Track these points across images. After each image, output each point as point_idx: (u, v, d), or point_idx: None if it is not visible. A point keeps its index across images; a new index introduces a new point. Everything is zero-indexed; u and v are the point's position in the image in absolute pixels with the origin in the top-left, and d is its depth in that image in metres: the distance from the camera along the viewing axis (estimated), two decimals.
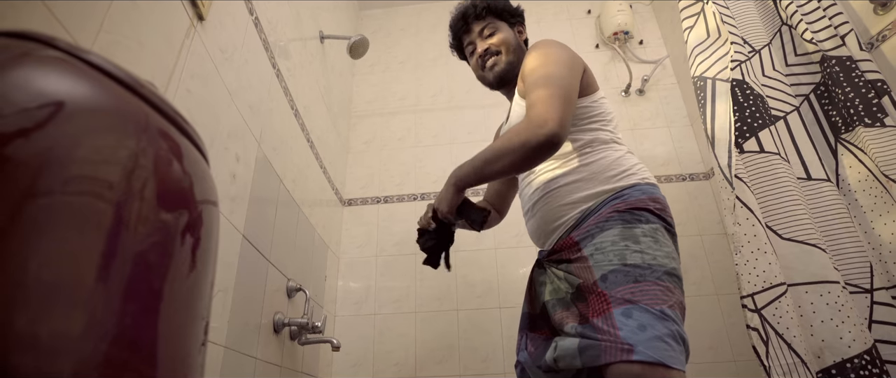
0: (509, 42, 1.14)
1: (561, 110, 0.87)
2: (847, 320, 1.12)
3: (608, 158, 0.98)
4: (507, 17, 1.17)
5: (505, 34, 1.15)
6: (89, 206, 0.36)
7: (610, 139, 1.02)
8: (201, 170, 0.53)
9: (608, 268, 0.83)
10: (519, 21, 1.21)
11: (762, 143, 1.32)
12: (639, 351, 0.71)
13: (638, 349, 0.71)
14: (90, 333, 0.34)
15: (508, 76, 1.13)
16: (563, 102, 0.88)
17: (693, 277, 1.95)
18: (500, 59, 1.13)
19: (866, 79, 1.28)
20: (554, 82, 0.91)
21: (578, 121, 1.00)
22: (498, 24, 1.16)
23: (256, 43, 1.33)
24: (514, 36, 1.16)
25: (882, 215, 1.22)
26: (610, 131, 1.03)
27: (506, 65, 1.13)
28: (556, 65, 0.95)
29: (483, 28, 1.15)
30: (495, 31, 1.15)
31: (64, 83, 0.36)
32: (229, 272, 1.09)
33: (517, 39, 1.17)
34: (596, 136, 1.00)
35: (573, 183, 0.97)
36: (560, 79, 0.92)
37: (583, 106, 1.01)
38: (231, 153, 1.12)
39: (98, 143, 0.38)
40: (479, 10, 1.16)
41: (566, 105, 0.88)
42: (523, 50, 1.16)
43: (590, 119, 1.01)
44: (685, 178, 2.17)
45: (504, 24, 1.17)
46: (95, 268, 0.35)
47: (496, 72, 1.13)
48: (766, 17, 1.55)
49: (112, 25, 0.69)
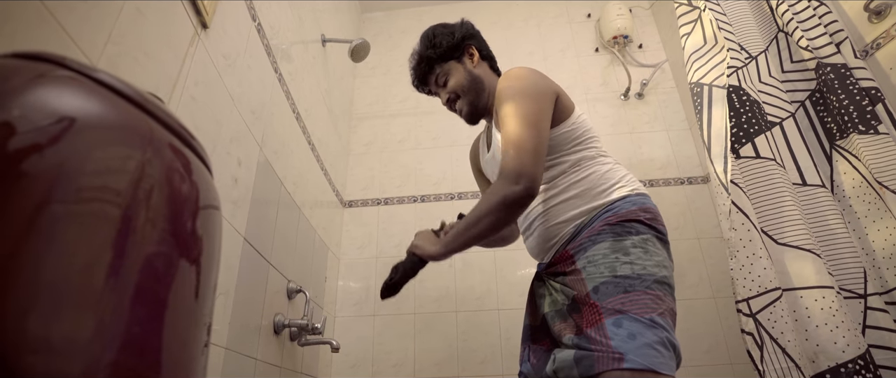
0: (461, 85, 1.15)
1: (532, 160, 0.90)
2: (841, 325, 1.13)
3: (597, 174, 1.01)
4: (450, 56, 1.17)
5: (455, 79, 1.16)
6: (98, 214, 0.38)
7: (596, 155, 1.05)
8: (204, 179, 0.55)
9: (599, 280, 0.86)
10: (463, 48, 1.19)
11: (758, 149, 1.33)
12: (629, 359, 0.74)
13: (628, 357, 0.74)
14: (99, 337, 0.36)
15: (477, 112, 1.17)
16: (533, 150, 0.91)
17: (690, 280, 1.96)
18: (461, 103, 1.16)
19: (861, 86, 1.29)
20: (523, 127, 0.93)
21: (563, 146, 1.03)
22: (446, 67, 1.17)
23: (259, 48, 1.35)
24: (465, 72, 1.16)
25: (876, 221, 1.23)
26: (595, 148, 1.06)
27: (468, 106, 1.16)
28: (524, 102, 0.97)
29: (436, 78, 1.19)
30: (447, 78, 1.17)
31: (76, 101, 0.38)
32: (230, 274, 1.11)
33: (468, 73, 1.16)
34: (582, 155, 1.04)
35: (566, 201, 1.00)
36: (528, 121, 0.94)
37: (564, 131, 1.03)
38: (233, 158, 1.14)
39: (107, 156, 0.40)
40: (424, 66, 1.19)
41: (537, 152, 0.92)
42: (480, 80, 1.17)
43: (573, 142, 1.04)
44: (683, 181, 2.18)
45: (452, 64, 1.17)
46: (104, 273, 0.37)
47: (465, 115, 1.18)
48: (762, 24, 1.56)
49: (119, 37, 0.71)
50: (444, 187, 2.30)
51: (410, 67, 1.23)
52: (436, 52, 1.17)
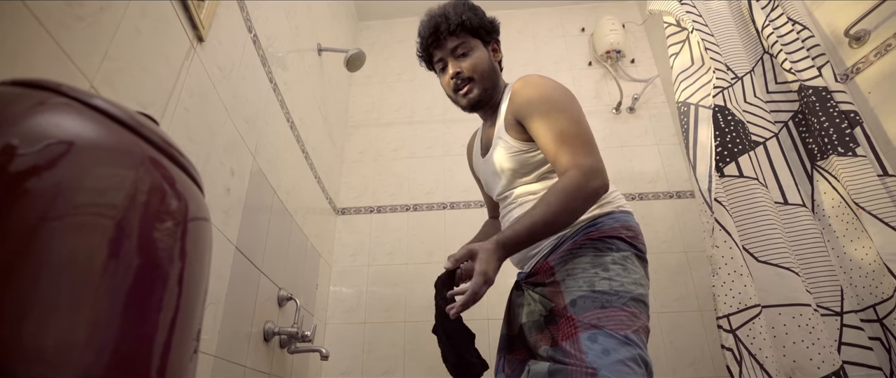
0: (483, 68, 1.07)
1: (600, 159, 0.91)
2: (817, 342, 1.16)
3: None
4: (482, 35, 1.10)
5: (478, 58, 1.07)
6: (93, 228, 0.41)
7: None
8: (193, 194, 0.57)
9: (577, 293, 0.87)
10: (494, 37, 1.13)
11: (741, 168, 1.36)
12: (602, 374, 0.75)
13: (601, 373, 0.75)
14: (91, 346, 0.38)
15: (482, 102, 1.09)
16: (597, 151, 0.92)
17: (676, 293, 1.99)
18: (474, 86, 1.07)
19: (840, 109, 1.33)
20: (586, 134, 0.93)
21: None
22: (472, 42, 1.08)
23: (254, 59, 1.37)
24: (488, 58, 1.10)
25: (853, 241, 1.27)
26: None
27: (479, 93, 1.08)
28: (575, 114, 0.96)
29: (456, 46, 1.07)
30: (469, 52, 1.07)
31: (73, 126, 0.41)
32: (221, 283, 1.12)
33: (491, 62, 1.10)
34: None
35: None
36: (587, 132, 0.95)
37: None
38: (226, 167, 1.16)
39: (102, 176, 0.43)
40: (453, 27, 1.07)
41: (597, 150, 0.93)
42: (497, 73, 1.12)
43: None
44: (672, 195, 2.21)
45: (478, 43, 1.09)
46: (97, 284, 0.40)
47: (470, 100, 1.08)
48: (748, 45, 1.60)
49: (116, 53, 0.73)
50: (437, 196, 2.32)
51: (430, 23, 1.10)
52: (473, 21, 1.08)
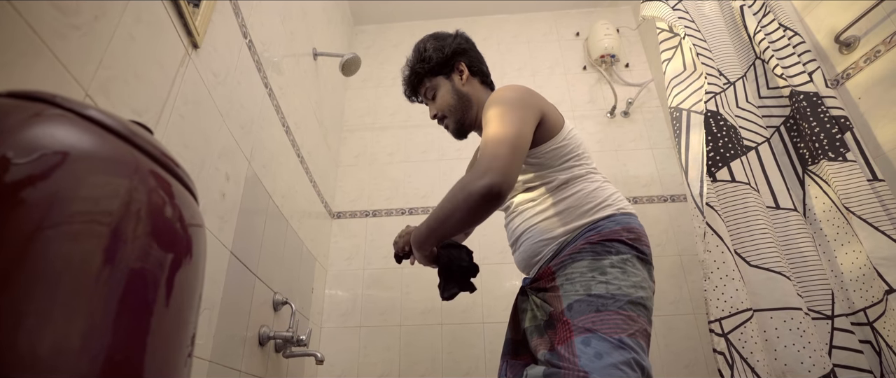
0: (448, 104, 1.17)
1: (507, 152, 0.88)
2: (808, 346, 1.17)
3: (584, 191, 1.01)
4: (441, 71, 1.19)
5: (441, 97, 1.18)
6: (88, 236, 0.41)
7: (585, 172, 1.05)
8: (187, 201, 0.58)
9: (574, 297, 0.88)
10: (454, 62, 1.19)
11: (733, 173, 1.38)
12: None
13: (592, 377, 0.76)
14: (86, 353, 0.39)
15: (463, 129, 1.19)
16: (510, 144, 0.90)
17: (671, 297, 2.00)
18: (448, 122, 1.20)
19: (831, 114, 1.34)
20: (502, 126, 0.93)
21: (553, 162, 1.04)
22: (434, 81, 1.19)
23: (249, 65, 1.37)
24: (452, 91, 1.18)
25: (844, 245, 1.28)
26: (585, 165, 1.06)
27: (455, 126, 1.19)
28: (507, 108, 0.97)
29: (425, 91, 1.21)
30: (435, 93, 1.19)
31: (68, 137, 0.41)
32: (216, 288, 1.13)
33: (454, 92, 1.17)
34: (572, 173, 1.03)
35: (551, 218, 1.01)
36: (509, 121, 0.94)
37: (554, 148, 1.03)
38: (221, 173, 1.16)
39: (96, 185, 0.44)
40: (413, 80, 1.22)
41: (512, 155, 0.89)
42: (466, 98, 1.17)
43: (563, 158, 1.04)
44: (666, 199, 2.23)
45: (440, 80, 1.19)
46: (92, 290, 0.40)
47: (451, 132, 1.21)
48: (741, 51, 1.62)
49: (111, 61, 0.74)
50: (432, 200, 2.33)
51: (402, 77, 1.26)
52: (425, 67, 1.19)
